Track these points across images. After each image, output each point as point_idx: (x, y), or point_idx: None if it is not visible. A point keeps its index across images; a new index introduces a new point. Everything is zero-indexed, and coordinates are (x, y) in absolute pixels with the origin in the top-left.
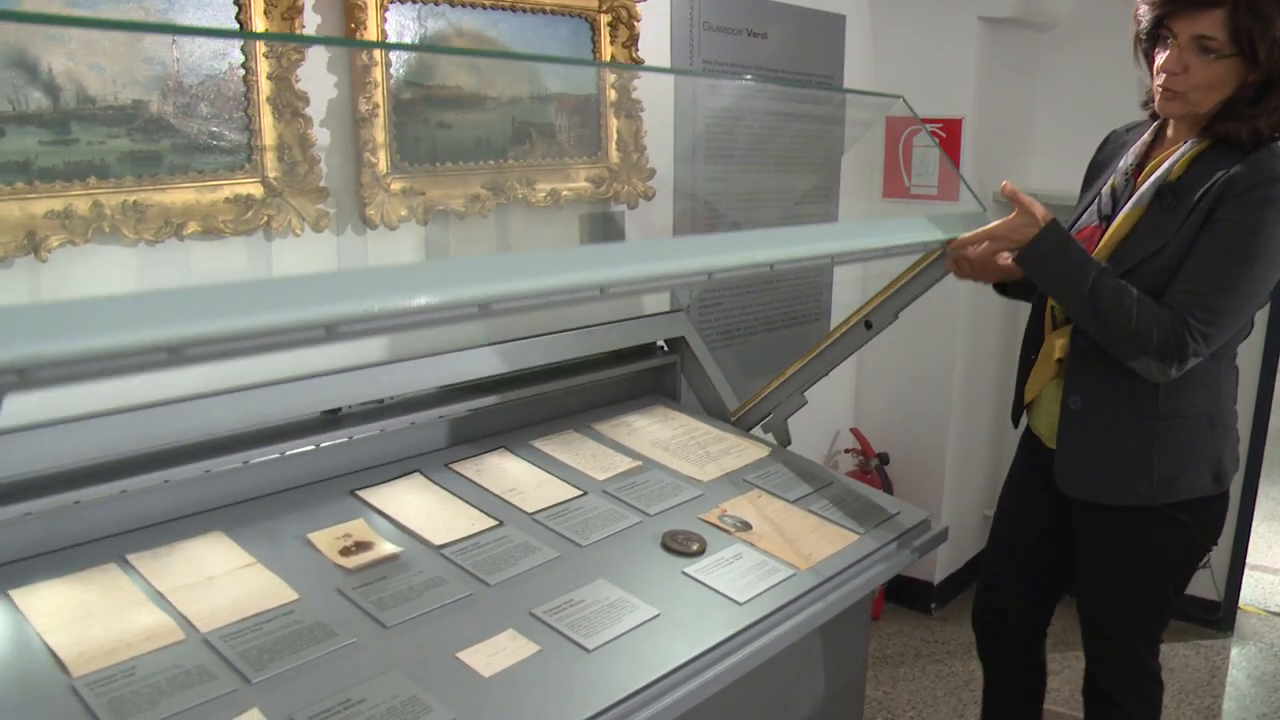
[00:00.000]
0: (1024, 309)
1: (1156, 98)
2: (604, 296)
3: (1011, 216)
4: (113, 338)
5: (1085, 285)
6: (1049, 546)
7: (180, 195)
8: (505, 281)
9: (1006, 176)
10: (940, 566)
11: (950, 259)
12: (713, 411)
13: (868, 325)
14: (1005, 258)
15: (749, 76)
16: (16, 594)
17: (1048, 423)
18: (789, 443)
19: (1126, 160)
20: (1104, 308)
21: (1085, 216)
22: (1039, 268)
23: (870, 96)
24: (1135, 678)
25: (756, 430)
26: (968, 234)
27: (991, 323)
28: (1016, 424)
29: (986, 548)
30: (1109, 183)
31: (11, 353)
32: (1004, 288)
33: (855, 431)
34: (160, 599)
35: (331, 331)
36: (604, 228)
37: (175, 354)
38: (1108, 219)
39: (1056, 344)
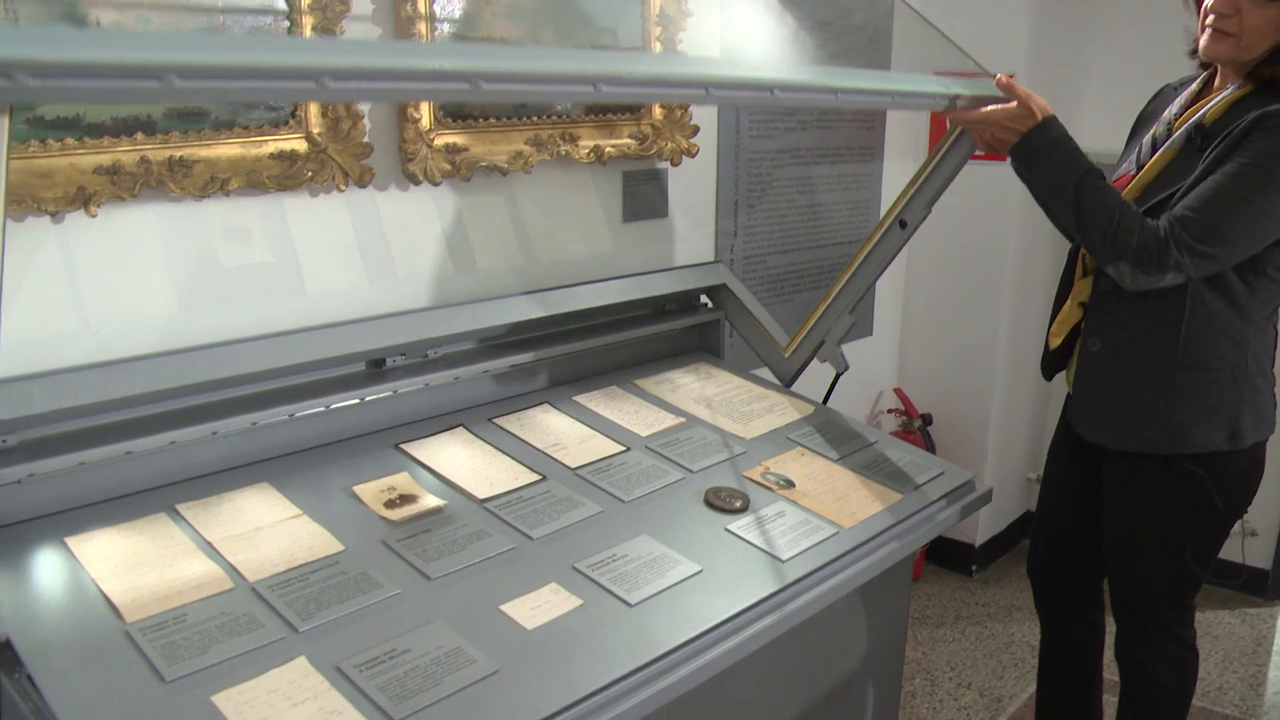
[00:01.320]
0: None
1: (1202, 40)
2: (597, 94)
3: (1012, 105)
4: (101, 52)
5: (1071, 183)
6: (1092, 506)
7: (225, 151)
8: (499, 61)
9: None
10: (982, 529)
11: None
12: (763, 353)
13: (902, 224)
14: None
15: None
16: (72, 541)
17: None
18: (847, 368)
19: (1171, 110)
20: (1087, 206)
21: (1124, 166)
22: (1029, 163)
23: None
24: (1165, 643)
25: (813, 364)
26: (968, 112)
27: (1038, 283)
28: (1048, 377)
29: (1037, 506)
30: (1151, 133)
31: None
32: None
33: (898, 392)
34: (209, 548)
35: (320, 85)
36: (647, 184)
37: (164, 82)
38: (1143, 166)
39: (1083, 290)
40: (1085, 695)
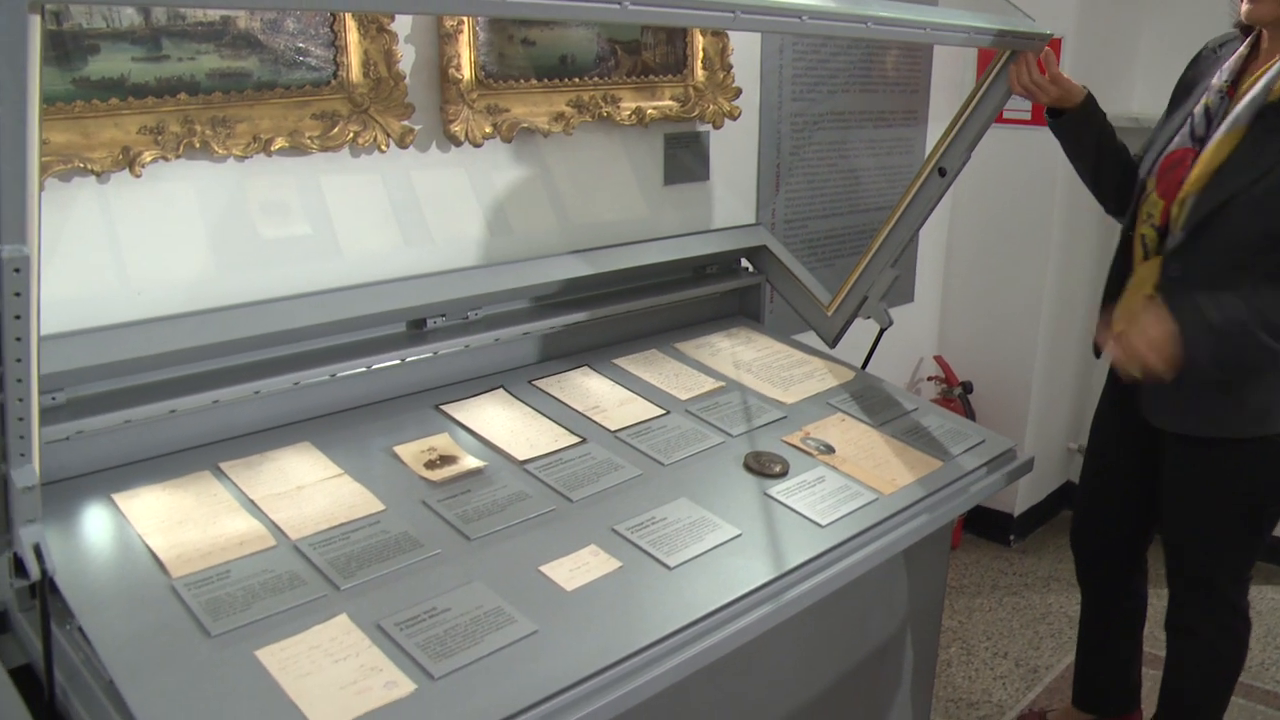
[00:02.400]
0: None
1: (1243, 6)
2: (623, 12)
3: (1150, 334)
4: None
5: (1250, 339)
6: (1141, 476)
7: (268, 111)
8: None
9: (1108, 99)
10: (1021, 499)
11: (1011, 76)
12: (805, 312)
13: (942, 172)
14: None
15: None
16: (119, 497)
17: None
18: (890, 323)
19: (1221, 77)
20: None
21: (1178, 139)
22: (1208, 357)
23: None
24: (1219, 612)
25: (852, 331)
26: (1026, 79)
27: (1083, 250)
28: (1099, 354)
29: (1081, 475)
30: (1202, 102)
31: None
32: (1058, 115)
33: (939, 359)
34: (252, 506)
35: None
36: (688, 146)
37: None
38: (1202, 141)
39: (1147, 276)
40: (1126, 665)
